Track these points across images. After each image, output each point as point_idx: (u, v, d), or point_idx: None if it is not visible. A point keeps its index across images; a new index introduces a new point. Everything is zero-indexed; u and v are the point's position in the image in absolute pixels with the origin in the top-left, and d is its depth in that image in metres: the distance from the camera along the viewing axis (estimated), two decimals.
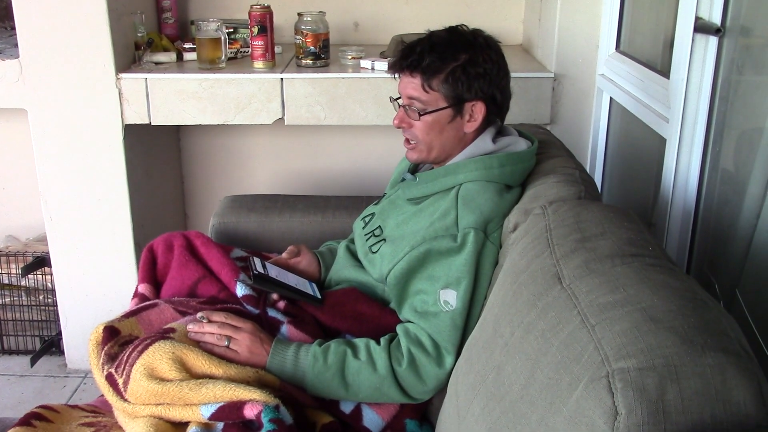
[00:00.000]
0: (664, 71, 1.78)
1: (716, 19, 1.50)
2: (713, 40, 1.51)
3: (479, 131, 1.54)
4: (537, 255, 1.17)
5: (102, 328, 1.42)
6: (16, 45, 2.28)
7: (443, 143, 1.53)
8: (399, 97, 1.56)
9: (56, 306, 2.57)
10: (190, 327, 1.40)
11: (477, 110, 1.51)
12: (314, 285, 1.65)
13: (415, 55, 1.49)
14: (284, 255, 1.74)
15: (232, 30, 2.49)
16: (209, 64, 2.30)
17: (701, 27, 1.53)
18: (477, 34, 1.53)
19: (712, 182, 1.59)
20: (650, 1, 2.07)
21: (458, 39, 1.51)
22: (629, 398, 0.77)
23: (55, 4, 2.18)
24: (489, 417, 1.03)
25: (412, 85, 1.50)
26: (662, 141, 1.74)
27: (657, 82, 1.80)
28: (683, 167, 1.63)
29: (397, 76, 1.55)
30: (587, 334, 0.90)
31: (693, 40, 1.55)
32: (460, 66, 1.48)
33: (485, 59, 1.50)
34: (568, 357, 0.90)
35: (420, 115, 1.50)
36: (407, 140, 1.56)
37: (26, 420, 1.35)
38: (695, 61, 1.56)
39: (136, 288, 1.69)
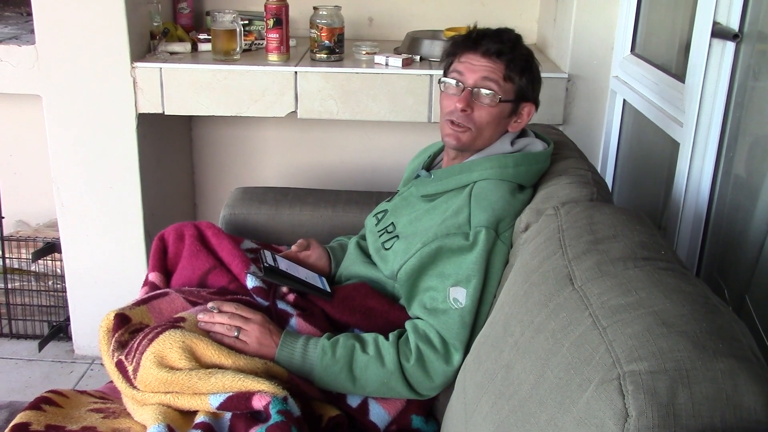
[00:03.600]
0: (679, 75, 1.77)
1: (734, 25, 1.50)
2: (730, 46, 1.51)
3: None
4: (549, 255, 1.17)
5: (113, 315, 1.43)
6: (32, 31, 2.30)
7: (492, 135, 1.55)
8: (441, 81, 1.55)
9: (65, 292, 2.58)
10: (201, 317, 1.41)
11: (526, 112, 1.55)
12: (324, 279, 1.66)
13: (504, 43, 1.50)
14: (294, 248, 1.75)
15: (247, 22, 2.49)
16: (224, 56, 2.30)
17: (719, 32, 1.53)
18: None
19: (724, 187, 1.59)
20: (667, 4, 2.06)
21: (521, 42, 1.54)
22: (640, 401, 0.78)
23: None
24: (497, 415, 1.04)
25: (491, 69, 1.49)
26: (675, 145, 1.74)
27: (672, 86, 1.79)
28: (696, 172, 1.63)
29: (463, 56, 1.52)
30: (599, 335, 0.91)
31: (710, 45, 1.55)
32: (533, 66, 1.53)
33: (538, 64, 1.56)
34: (578, 358, 0.91)
35: (500, 101, 1.50)
36: (454, 123, 1.52)
37: (36, 404, 1.36)
38: (711, 66, 1.56)
39: (147, 276, 1.69)
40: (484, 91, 1.49)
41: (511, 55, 1.50)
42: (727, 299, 1.52)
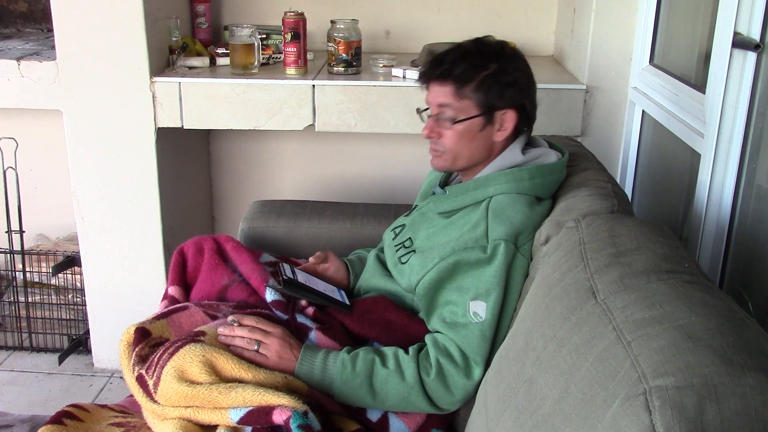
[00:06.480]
0: (699, 86, 1.76)
1: (755, 35, 1.49)
2: (752, 56, 1.50)
3: (508, 141, 1.54)
4: (570, 268, 1.16)
5: (133, 329, 1.44)
6: (53, 47, 2.32)
7: (472, 153, 1.53)
8: (426, 108, 1.57)
9: (85, 305, 2.60)
10: (221, 330, 1.41)
11: (508, 119, 1.51)
12: (342, 292, 1.66)
13: (447, 64, 1.50)
14: (311, 260, 1.75)
15: (265, 36, 2.51)
16: (242, 70, 2.31)
17: (740, 42, 1.52)
18: (504, 45, 1.54)
19: (747, 198, 1.57)
20: (686, 14, 2.05)
21: (487, 49, 1.52)
22: (667, 417, 0.77)
23: (93, 7, 2.21)
24: (520, 430, 1.03)
25: (443, 92, 1.51)
26: (695, 156, 1.72)
27: (692, 97, 1.78)
28: (718, 183, 1.61)
29: (425, 86, 1.56)
30: (623, 350, 0.89)
31: (731, 55, 1.54)
32: (491, 74, 1.49)
33: (514, 68, 1.51)
34: (603, 373, 0.90)
35: (453, 123, 1.50)
36: (432, 149, 1.57)
37: (57, 418, 1.37)
38: (732, 77, 1.55)
39: (166, 290, 1.70)
40: (441, 116, 1.52)
41: (457, 73, 1.48)
42: (752, 312, 1.50)
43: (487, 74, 1.48)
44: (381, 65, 2.40)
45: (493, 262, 1.41)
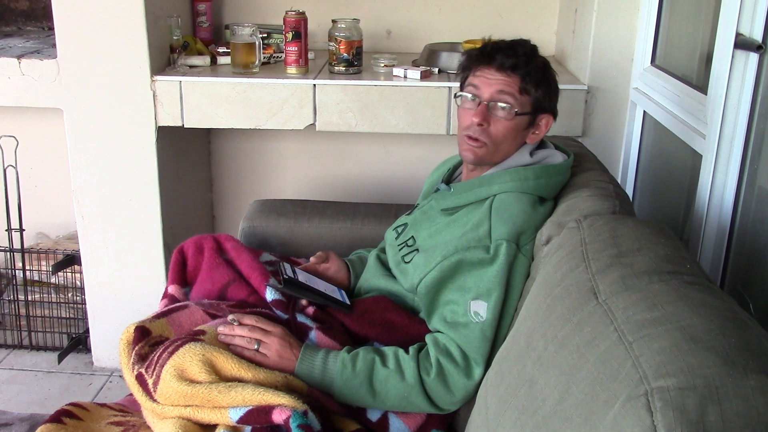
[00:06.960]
0: (701, 86, 1.76)
1: (757, 36, 1.49)
2: (754, 57, 1.50)
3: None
4: (572, 269, 1.16)
5: (133, 328, 1.43)
6: (53, 45, 2.32)
7: (509, 148, 1.54)
8: (460, 94, 1.55)
9: (84, 304, 2.59)
10: (221, 329, 1.41)
11: (545, 124, 1.54)
12: (343, 292, 1.65)
13: (518, 57, 1.49)
14: (312, 260, 1.75)
15: (266, 35, 2.51)
16: (243, 69, 2.31)
17: (742, 43, 1.51)
18: None
19: (748, 199, 1.57)
20: (687, 15, 2.05)
21: (536, 53, 1.54)
22: (669, 418, 0.76)
23: (94, 5, 2.21)
24: (521, 431, 1.02)
25: (508, 83, 1.49)
26: (697, 157, 1.72)
27: (693, 98, 1.78)
28: (719, 184, 1.61)
29: (476, 70, 1.53)
30: (624, 351, 0.89)
31: (733, 56, 1.54)
32: (547, 78, 1.53)
33: (554, 76, 1.56)
34: (604, 373, 0.89)
35: (516, 114, 1.49)
36: (471, 138, 1.52)
37: (57, 417, 1.36)
38: (734, 78, 1.54)
39: (166, 289, 1.70)
40: (500, 104, 1.49)
41: (526, 68, 1.49)
42: (752, 313, 1.50)
43: (546, 76, 1.52)
44: (382, 65, 2.40)
45: (495, 262, 1.41)
